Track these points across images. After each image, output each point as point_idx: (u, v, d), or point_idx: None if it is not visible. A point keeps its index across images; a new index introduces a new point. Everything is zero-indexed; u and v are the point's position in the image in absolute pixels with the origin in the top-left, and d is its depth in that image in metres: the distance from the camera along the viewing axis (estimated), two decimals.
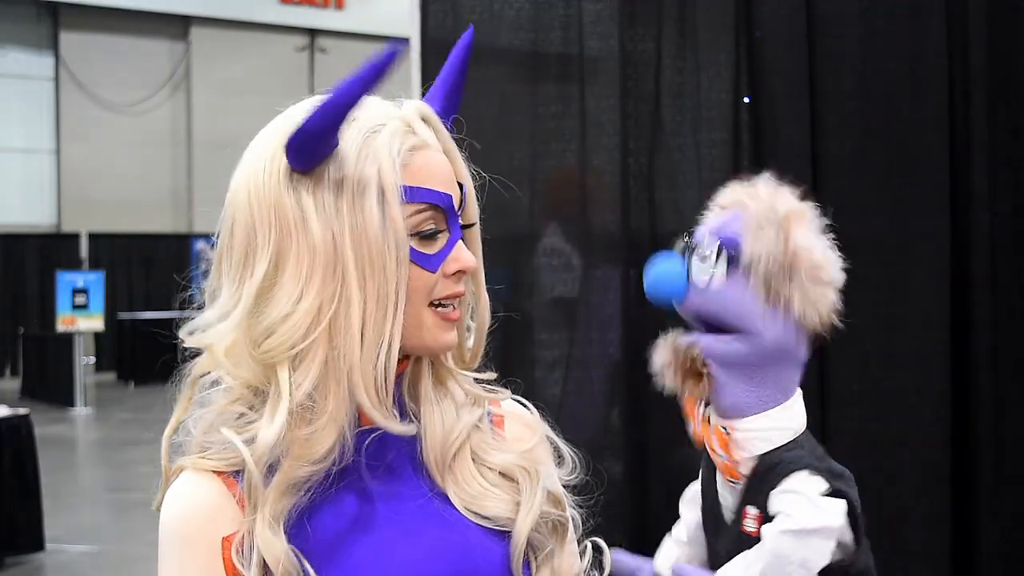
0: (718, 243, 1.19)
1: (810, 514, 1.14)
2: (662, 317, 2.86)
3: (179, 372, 1.11)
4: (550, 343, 3.00)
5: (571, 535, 1.16)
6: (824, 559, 1.14)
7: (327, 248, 1.02)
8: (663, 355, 1.23)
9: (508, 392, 1.19)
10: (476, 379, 1.16)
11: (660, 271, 1.22)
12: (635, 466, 2.96)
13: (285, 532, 1.02)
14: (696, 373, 1.21)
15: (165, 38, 18.05)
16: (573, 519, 1.16)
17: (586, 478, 1.17)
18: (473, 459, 1.11)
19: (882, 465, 2.58)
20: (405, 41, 3.02)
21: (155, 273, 17.58)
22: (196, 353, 1.10)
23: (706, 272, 1.18)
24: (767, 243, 1.17)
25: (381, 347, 1.02)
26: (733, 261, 1.17)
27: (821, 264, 1.19)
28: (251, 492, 1.03)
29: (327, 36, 18.82)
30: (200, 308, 1.10)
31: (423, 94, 1.14)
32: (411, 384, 1.12)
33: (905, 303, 2.62)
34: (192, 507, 1.05)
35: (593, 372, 3.04)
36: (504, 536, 1.08)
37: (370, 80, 1.00)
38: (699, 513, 1.29)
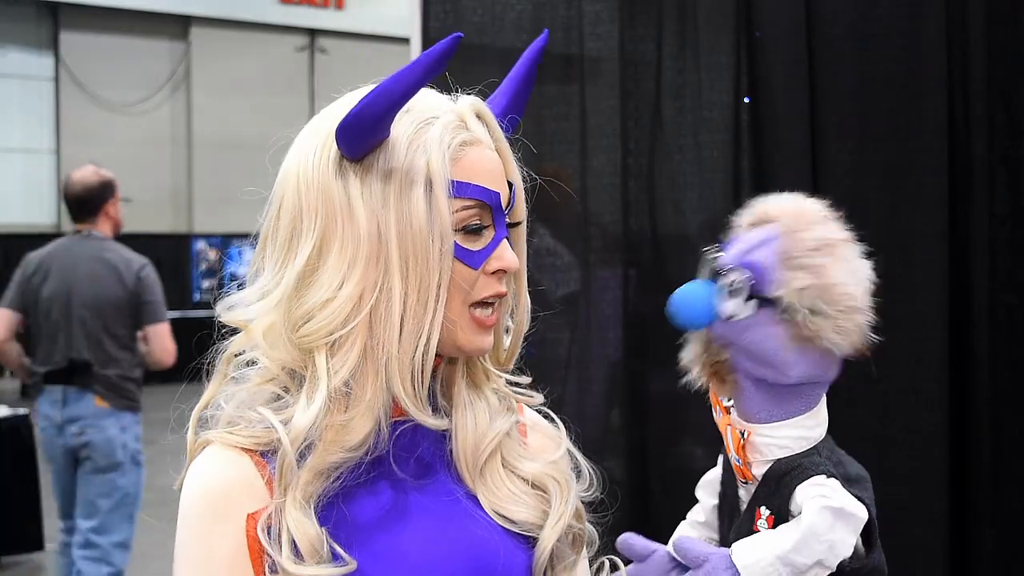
0: (747, 275, 1.16)
1: (844, 498, 1.14)
2: (662, 317, 2.87)
3: (215, 349, 1.11)
4: (550, 343, 3.00)
5: (585, 549, 1.17)
6: (847, 550, 1.14)
7: (372, 237, 1.02)
8: (695, 347, 1.22)
9: (540, 397, 1.19)
10: (509, 381, 1.17)
11: (685, 296, 1.19)
12: (635, 466, 2.96)
13: (315, 514, 1.02)
14: (722, 375, 1.20)
15: (165, 38, 18.03)
16: (589, 534, 1.17)
17: (601, 496, 1.17)
18: (503, 465, 1.11)
19: (880, 464, 2.58)
20: (404, 40, 3.03)
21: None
22: (231, 332, 1.11)
23: (734, 305, 1.16)
24: (803, 283, 1.14)
25: (420, 339, 1.02)
26: (764, 300, 1.15)
27: (854, 294, 1.16)
28: (283, 473, 1.02)
29: (327, 36, 18.81)
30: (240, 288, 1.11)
31: (480, 97, 1.14)
32: (445, 382, 1.12)
33: (905, 303, 2.62)
34: (219, 481, 1.04)
35: (593, 372, 3.04)
36: (528, 542, 1.09)
37: (429, 68, 1.00)
38: (715, 499, 1.29)
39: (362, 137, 1.02)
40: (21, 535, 6.41)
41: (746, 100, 2.83)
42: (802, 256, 1.15)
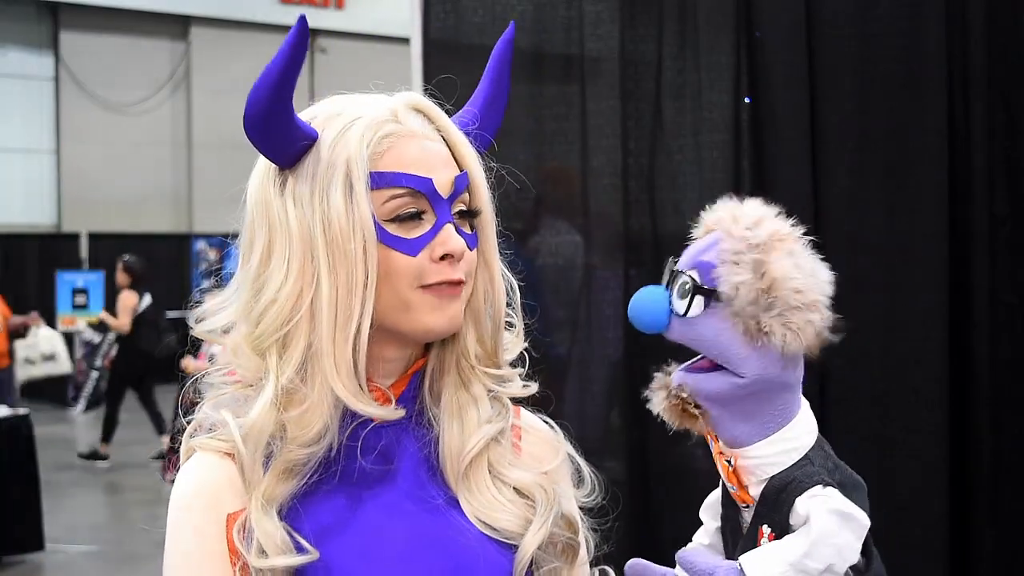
0: (694, 275, 1.18)
1: (848, 502, 1.14)
2: None
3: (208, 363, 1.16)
4: (550, 343, 3.00)
5: (583, 557, 1.16)
6: (854, 555, 1.13)
7: (303, 236, 1.06)
8: (658, 395, 1.23)
9: (534, 386, 1.19)
10: (498, 377, 1.16)
11: (641, 301, 1.21)
12: (635, 466, 2.96)
13: (279, 514, 1.04)
14: (690, 413, 1.21)
15: (165, 38, 18.03)
16: (586, 541, 1.17)
17: (603, 501, 1.17)
18: (490, 471, 1.11)
19: (880, 464, 2.58)
20: (404, 40, 3.03)
21: (155, 273, 17.55)
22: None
23: (684, 304, 1.18)
24: (742, 276, 1.15)
25: (351, 330, 1.05)
26: (709, 294, 1.16)
27: (802, 289, 1.17)
28: (244, 472, 1.06)
29: (327, 36, 18.81)
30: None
31: (425, 94, 1.15)
32: (432, 385, 1.13)
33: (905, 303, 2.62)
34: (197, 484, 1.08)
35: (593, 372, 3.04)
36: (510, 549, 1.09)
37: (289, 53, 1.02)
38: (719, 521, 1.29)
39: (270, 133, 1.05)
40: (21, 535, 6.42)
41: (746, 100, 2.83)
42: (741, 252, 1.16)
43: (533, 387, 1.18)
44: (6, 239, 16.51)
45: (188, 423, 1.13)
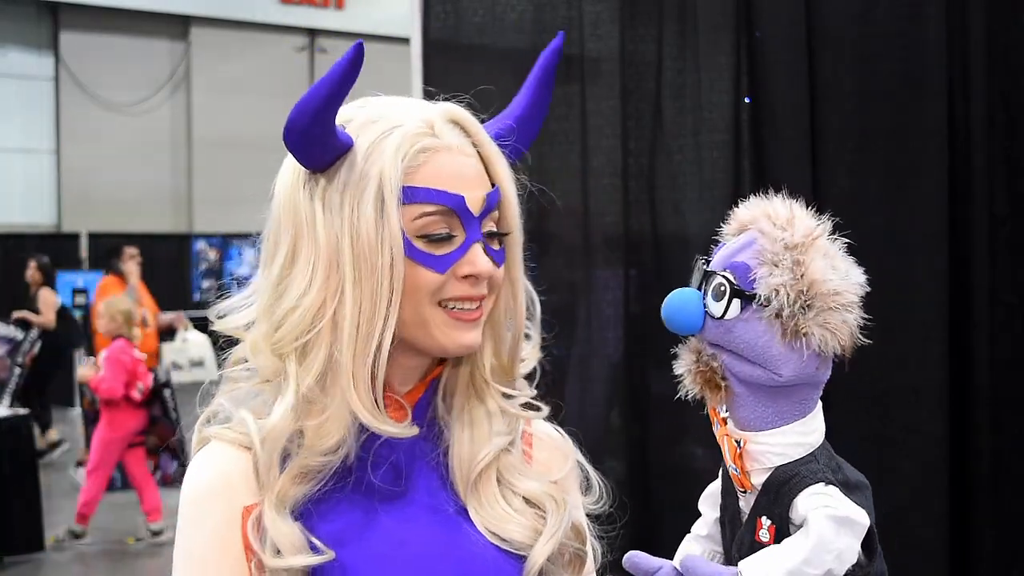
0: (730, 276, 1.17)
1: (847, 505, 1.14)
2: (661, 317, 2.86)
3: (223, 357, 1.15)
4: (550, 343, 2.99)
5: (589, 566, 1.16)
6: (853, 557, 1.14)
7: (330, 245, 1.04)
8: (686, 357, 1.23)
9: (546, 410, 1.18)
10: (511, 394, 1.15)
11: (674, 304, 1.21)
12: (635, 465, 2.96)
13: (293, 515, 1.04)
14: (716, 383, 1.21)
15: (165, 38, 18.04)
16: (593, 550, 1.17)
17: (611, 509, 1.17)
18: (499, 481, 1.11)
19: (880, 464, 2.58)
20: (404, 40, 3.02)
21: (155, 273, 17.54)
22: (235, 340, 1.13)
23: (720, 306, 1.17)
24: (781, 278, 1.15)
25: (371, 346, 1.04)
26: (746, 296, 1.16)
27: (839, 290, 1.17)
28: (259, 473, 1.05)
29: (327, 36, 18.81)
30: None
31: (425, 95, 1.15)
32: (447, 395, 1.13)
33: (905, 303, 2.62)
34: (213, 473, 1.07)
35: (593, 372, 3.04)
36: (519, 559, 1.09)
37: (340, 77, 1.01)
38: (718, 512, 1.29)
39: (302, 150, 1.04)
40: (21, 535, 6.41)
41: (746, 100, 2.83)
42: (779, 253, 1.16)
43: (545, 411, 1.18)
44: (6, 239, 16.50)
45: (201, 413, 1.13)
